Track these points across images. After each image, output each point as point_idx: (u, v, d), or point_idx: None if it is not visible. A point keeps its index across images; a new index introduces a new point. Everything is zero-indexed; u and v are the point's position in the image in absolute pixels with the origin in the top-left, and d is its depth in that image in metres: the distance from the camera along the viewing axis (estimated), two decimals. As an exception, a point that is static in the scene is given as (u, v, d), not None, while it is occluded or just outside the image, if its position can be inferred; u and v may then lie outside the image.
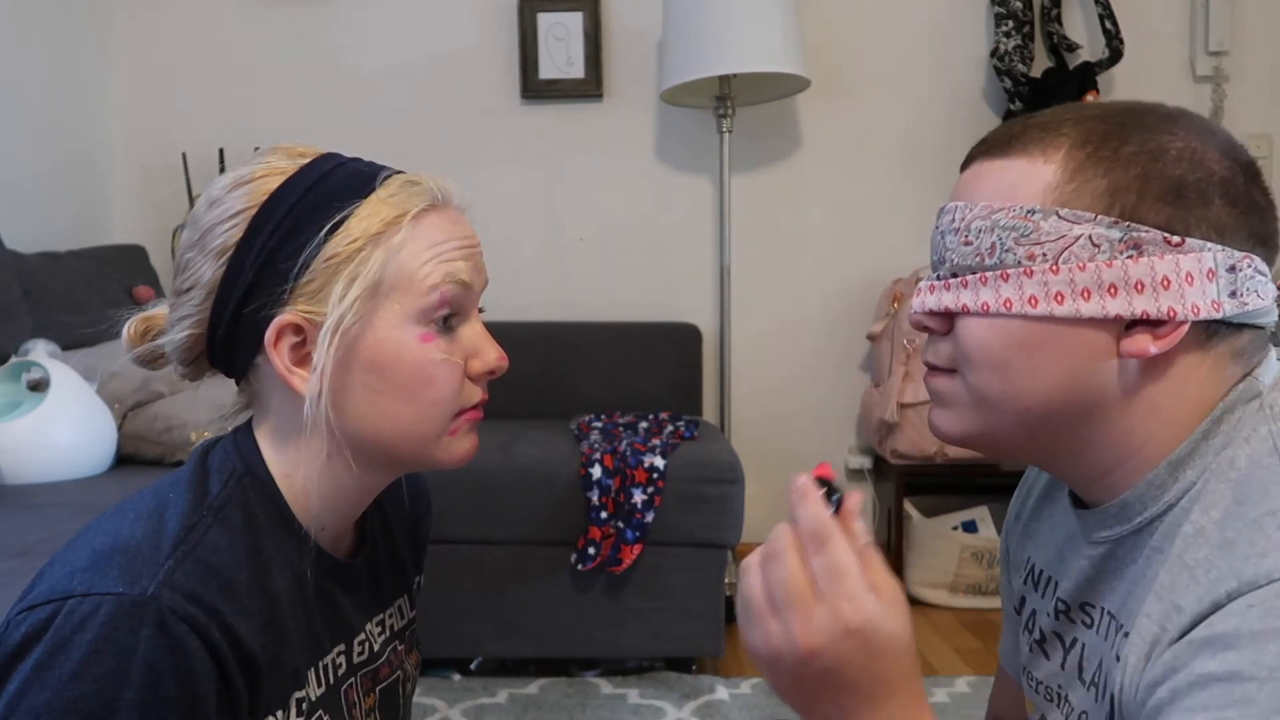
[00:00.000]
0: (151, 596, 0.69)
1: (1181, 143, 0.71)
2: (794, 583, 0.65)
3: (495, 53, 3.04)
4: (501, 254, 3.04)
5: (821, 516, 0.66)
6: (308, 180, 0.80)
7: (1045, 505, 0.90)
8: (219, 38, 3.08)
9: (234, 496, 0.79)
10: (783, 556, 0.66)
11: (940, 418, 0.79)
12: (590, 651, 2.29)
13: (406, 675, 0.99)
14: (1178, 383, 0.72)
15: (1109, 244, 0.70)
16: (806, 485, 0.68)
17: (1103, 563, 0.78)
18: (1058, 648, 0.83)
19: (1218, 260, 0.69)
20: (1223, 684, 0.61)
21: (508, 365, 0.85)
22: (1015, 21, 2.88)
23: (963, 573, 2.72)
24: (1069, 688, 0.81)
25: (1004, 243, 0.72)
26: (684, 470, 2.23)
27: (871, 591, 0.64)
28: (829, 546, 0.65)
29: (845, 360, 3.07)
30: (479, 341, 0.84)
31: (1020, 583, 0.91)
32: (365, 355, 0.79)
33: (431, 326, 0.80)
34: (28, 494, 1.86)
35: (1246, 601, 0.63)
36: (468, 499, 2.23)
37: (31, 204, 2.71)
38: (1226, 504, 0.69)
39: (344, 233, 0.79)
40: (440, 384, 0.81)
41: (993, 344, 0.73)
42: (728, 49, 2.65)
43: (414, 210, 0.80)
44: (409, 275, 0.79)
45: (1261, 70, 2.97)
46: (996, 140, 0.76)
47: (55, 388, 2.00)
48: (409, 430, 0.81)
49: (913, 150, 2.99)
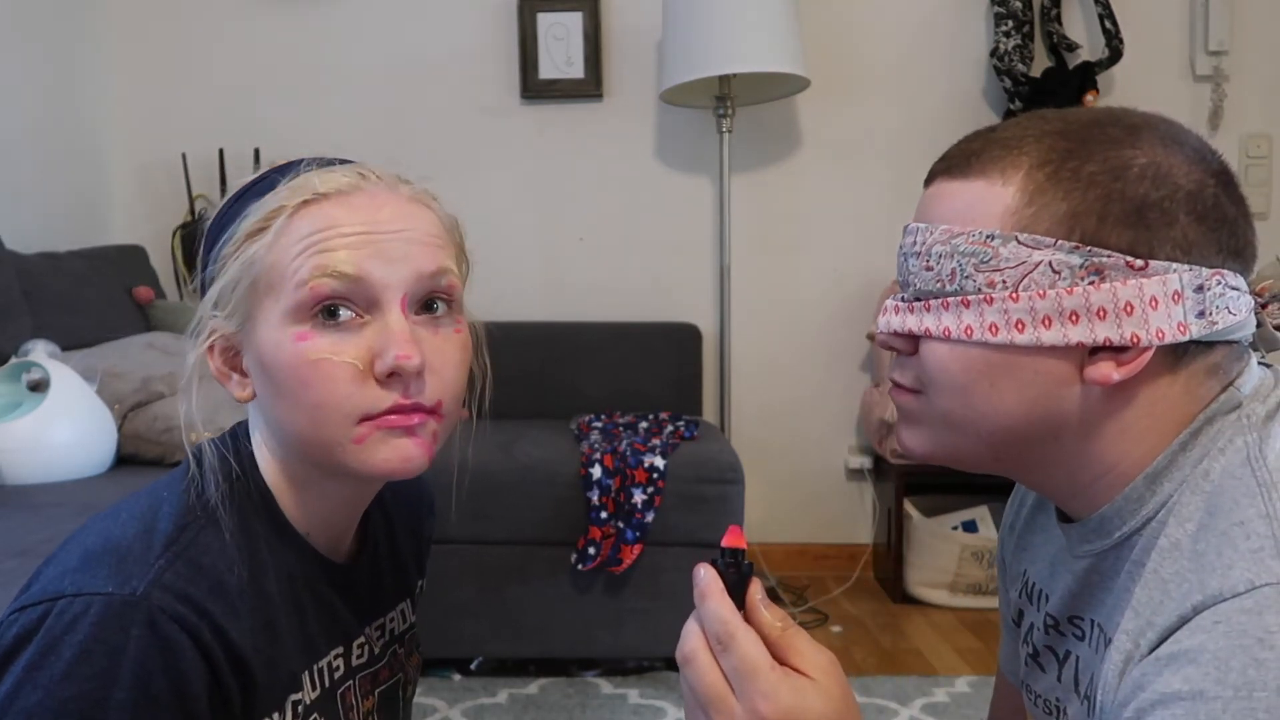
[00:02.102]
0: (142, 596, 0.68)
1: (1145, 158, 0.69)
2: (710, 686, 0.64)
3: (495, 53, 3.04)
4: (502, 254, 3.06)
5: (722, 615, 0.64)
6: (240, 189, 0.80)
7: (1039, 515, 0.89)
8: (219, 38, 3.08)
9: (226, 499, 0.78)
10: (695, 660, 0.64)
11: (907, 435, 0.78)
12: (590, 651, 2.29)
13: (408, 678, 0.98)
14: (1147, 405, 0.71)
15: (1069, 270, 0.68)
16: (706, 581, 0.66)
17: (1086, 577, 0.77)
18: (1052, 661, 0.83)
19: (1184, 281, 0.68)
20: (1186, 703, 0.60)
21: (416, 363, 0.73)
22: (1015, 21, 2.88)
23: (963, 573, 2.72)
24: (1066, 700, 0.81)
25: (964, 269, 0.71)
26: (684, 470, 2.23)
27: (787, 680, 0.62)
28: (733, 646, 0.63)
29: (845, 360, 3.07)
30: (383, 338, 0.74)
31: (1016, 596, 0.90)
32: (257, 358, 0.77)
33: (308, 324, 0.74)
34: (28, 494, 1.86)
35: (1212, 617, 0.62)
36: (468, 499, 2.22)
37: (31, 204, 2.70)
38: (1200, 516, 0.67)
39: (233, 236, 0.77)
40: (318, 386, 0.73)
41: (954, 369, 0.72)
42: (728, 49, 2.65)
43: (296, 200, 0.75)
44: (280, 271, 0.75)
45: (1261, 70, 2.97)
46: (957, 158, 0.74)
47: (55, 388, 2.00)
48: (308, 435, 0.76)
49: (913, 150, 2.98)
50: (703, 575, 0.66)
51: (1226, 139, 2.95)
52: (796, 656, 0.64)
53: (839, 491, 3.10)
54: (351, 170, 0.79)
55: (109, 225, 3.06)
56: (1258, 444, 0.69)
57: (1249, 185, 2.95)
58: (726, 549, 0.67)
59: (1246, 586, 0.62)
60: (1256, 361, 0.75)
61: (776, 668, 0.63)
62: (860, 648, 2.51)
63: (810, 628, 2.63)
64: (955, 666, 2.37)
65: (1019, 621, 0.90)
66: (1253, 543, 0.63)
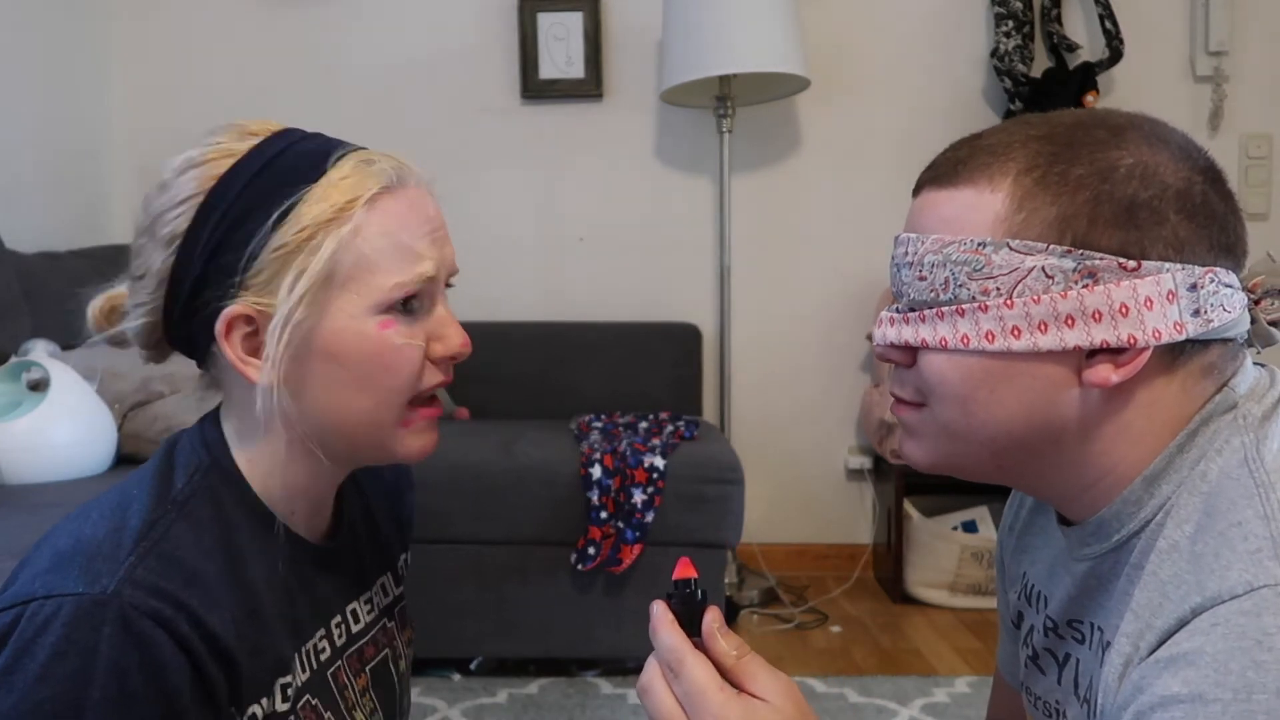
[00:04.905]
0: (112, 594, 0.68)
1: (1131, 158, 0.69)
2: (666, 713, 0.66)
3: (495, 53, 3.04)
4: (502, 254, 3.06)
5: (671, 644, 0.67)
6: (256, 164, 0.77)
7: (1038, 517, 0.89)
8: (219, 38, 3.08)
9: (200, 489, 0.78)
10: (651, 689, 0.68)
11: (909, 447, 0.78)
12: (590, 651, 2.29)
13: (399, 653, 0.98)
14: (1145, 406, 0.71)
15: (1063, 274, 0.68)
16: (657, 615, 0.69)
17: (1085, 581, 0.77)
18: (1052, 664, 0.83)
19: (1177, 280, 0.67)
20: (1185, 705, 0.60)
21: (470, 350, 0.82)
22: (1015, 21, 2.88)
23: (963, 573, 2.72)
24: (1066, 703, 0.81)
25: (957, 278, 0.70)
26: (684, 470, 2.23)
27: (738, 699, 0.65)
28: (683, 672, 0.66)
29: (845, 360, 3.07)
30: (443, 325, 0.82)
31: (1016, 598, 0.90)
32: (321, 346, 0.77)
33: (391, 313, 0.78)
34: (28, 494, 1.86)
35: (1210, 619, 0.62)
36: (468, 499, 2.23)
37: (31, 204, 2.70)
38: (1198, 518, 0.67)
39: (293, 220, 0.75)
40: (401, 370, 0.78)
41: (952, 378, 0.72)
42: (728, 49, 2.65)
43: (367, 194, 0.77)
44: (367, 267, 0.77)
45: (1261, 70, 2.96)
46: (944, 167, 0.74)
47: (55, 388, 2.00)
48: (367, 419, 0.79)
49: (913, 150, 2.95)
50: (655, 610, 0.70)
51: (1226, 139, 2.95)
52: (751, 682, 0.66)
53: (839, 491, 3.10)
54: (391, 158, 0.81)
55: (109, 225, 3.06)
56: (1255, 444, 0.69)
57: (1249, 185, 2.96)
58: (678, 580, 0.70)
59: (1245, 589, 0.61)
60: (1251, 360, 0.75)
61: (726, 688, 0.65)
62: (860, 648, 2.51)
63: (810, 628, 2.63)
64: (955, 667, 2.37)
65: (1018, 624, 0.90)
66: (1250, 544, 0.63)
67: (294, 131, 0.81)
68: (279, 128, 0.81)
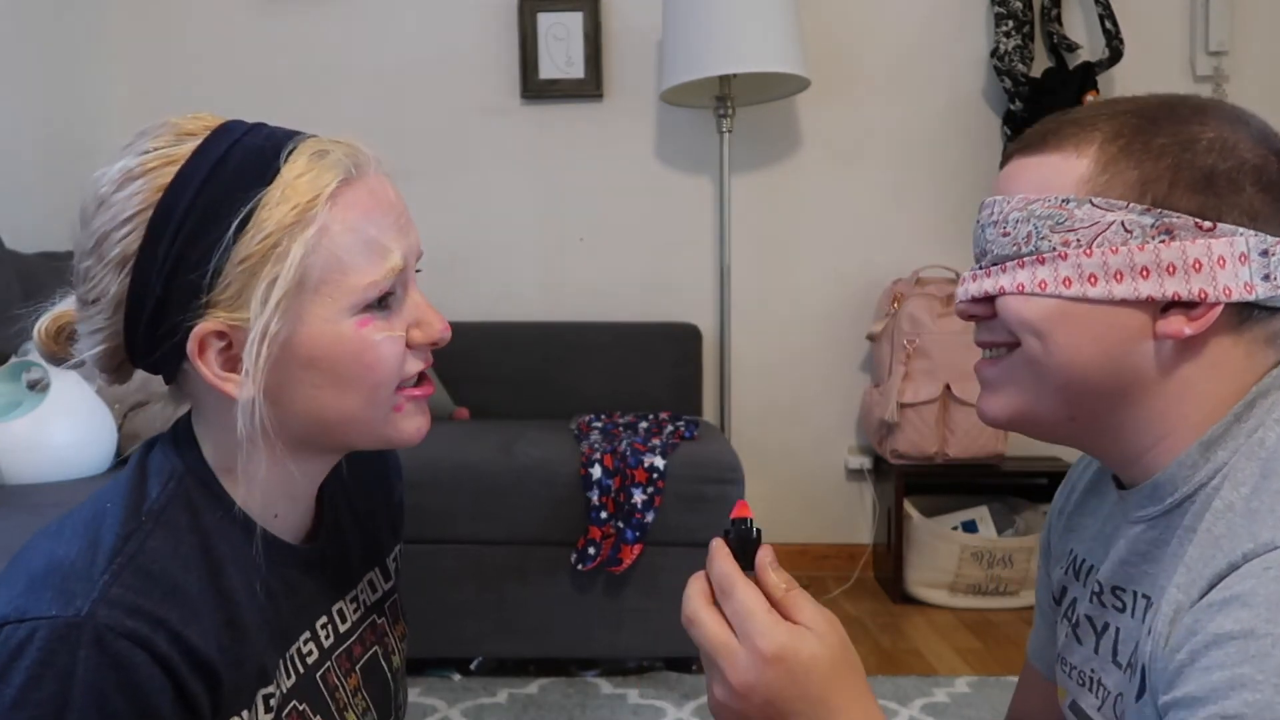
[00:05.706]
0: (86, 616, 0.66)
1: (1213, 133, 0.73)
2: (715, 635, 0.69)
3: (495, 53, 3.04)
4: (501, 254, 3.06)
5: (725, 571, 0.71)
6: (203, 169, 0.72)
7: (1090, 499, 0.92)
8: (219, 38, 3.08)
9: (175, 498, 0.76)
10: (698, 616, 0.71)
11: (987, 402, 0.82)
12: (590, 651, 2.29)
13: (390, 649, 0.96)
14: (1211, 365, 0.74)
15: (1141, 229, 0.72)
16: (716, 547, 0.72)
17: (1137, 543, 0.79)
18: (1090, 633, 0.85)
19: (1250, 245, 0.71)
20: (1238, 641, 0.62)
21: (450, 335, 0.81)
22: (1015, 21, 2.88)
23: (963, 573, 2.72)
24: (1102, 671, 0.83)
25: (1039, 230, 0.74)
26: (684, 470, 2.23)
27: (784, 623, 0.68)
28: (734, 594, 0.70)
29: (845, 360, 3.07)
30: (421, 312, 0.80)
31: (1061, 573, 0.93)
32: (300, 353, 0.75)
33: (367, 311, 0.76)
34: (28, 494, 1.86)
35: (1263, 563, 0.64)
36: (468, 499, 2.23)
37: (31, 204, 2.70)
38: (1254, 480, 0.70)
39: (254, 228, 0.71)
40: (384, 365, 0.77)
41: (1030, 317, 0.75)
42: (728, 49, 2.65)
43: (327, 190, 0.73)
44: (338, 269, 0.74)
45: (1261, 70, 2.97)
46: (1032, 137, 0.78)
47: (55, 388, 2.00)
48: (357, 416, 0.78)
49: (912, 150, 2.99)
50: (713, 544, 0.73)
51: (1226, 139, 2.95)
52: (798, 613, 0.69)
53: (839, 491, 3.10)
54: (342, 144, 0.77)
55: (109, 225, 3.05)
56: None
57: (1249, 185, 2.96)
58: (735, 519, 0.74)
59: None
60: None
61: (773, 612, 0.69)
62: (860, 648, 2.49)
63: (810, 628, 2.63)
64: (955, 667, 2.37)
65: (1060, 599, 0.93)
66: None
67: (234, 125, 0.76)
68: (215, 122, 0.76)
